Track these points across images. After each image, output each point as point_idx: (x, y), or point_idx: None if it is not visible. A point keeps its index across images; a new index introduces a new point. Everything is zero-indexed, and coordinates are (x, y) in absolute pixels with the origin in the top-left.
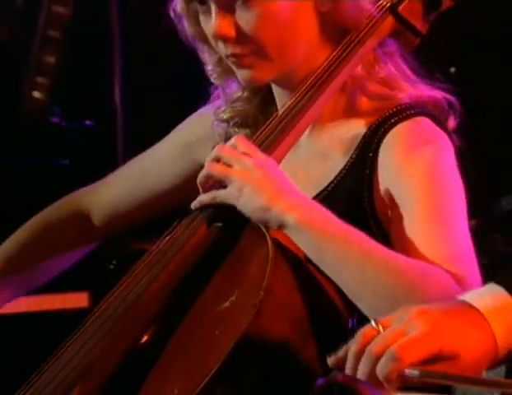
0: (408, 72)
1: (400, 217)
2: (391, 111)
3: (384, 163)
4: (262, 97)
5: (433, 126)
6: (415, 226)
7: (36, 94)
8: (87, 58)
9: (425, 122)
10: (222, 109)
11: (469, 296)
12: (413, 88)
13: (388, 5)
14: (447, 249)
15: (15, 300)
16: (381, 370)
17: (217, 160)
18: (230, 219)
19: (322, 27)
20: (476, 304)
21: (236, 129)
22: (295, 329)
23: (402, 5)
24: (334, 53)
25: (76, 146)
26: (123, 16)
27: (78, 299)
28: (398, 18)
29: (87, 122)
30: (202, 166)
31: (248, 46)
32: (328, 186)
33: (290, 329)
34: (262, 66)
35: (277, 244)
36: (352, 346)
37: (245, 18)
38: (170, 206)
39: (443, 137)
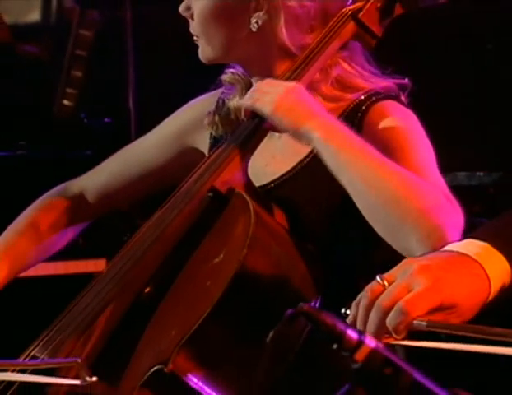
0: (364, 69)
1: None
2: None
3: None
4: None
5: (399, 105)
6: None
7: (66, 102)
8: (106, 69)
9: (392, 103)
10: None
11: (457, 247)
12: (368, 83)
13: (350, 12)
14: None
15: (44, 265)
16: (391, 323)
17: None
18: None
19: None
20: (469, 253)
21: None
22: (273, 280)
23: (362, 12)
24: (305, 54)
25: (97, 140)
26: (135, 33)
27: (97, 264)
28: (359, 23)
29: (106, 120)
30: (192, 150)
31: (194, 27)
32: (306, 157)
33: (270, 279)
34: (202, 47)
35: (258, 212)
36: (362, 301)
37: (194, 4)
38: (158, 186)
39: (411, 113)
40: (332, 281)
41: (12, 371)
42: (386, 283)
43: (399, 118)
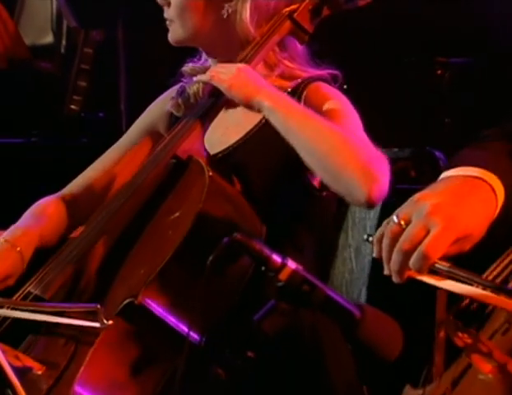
0: (301, 63)
1: None
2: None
3: None
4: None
5: (330, 86)
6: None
7: (73, 107)
8: (103, 76)
9: (324, 84)
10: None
11: (457, 172)
12: (305, 73)
13: (287, 13)
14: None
15: None
16: (414, 266)
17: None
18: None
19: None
20: (474, 174)
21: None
22: (223, 228)
23: (296, 13)
24: (252, 44)
25: (92, 130)
26: (126, 48)
27: None
28: (294, 22)
29: (100, 114)
30: (161, 136)
31: (169, 12)
32: (252, 129)
33: (221, 227)
34: (174, 30)
35: (211, 175)
36: (384, 241)
37: None
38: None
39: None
40: (271, 227)
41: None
42: (403, 222)
43: (330, 93)
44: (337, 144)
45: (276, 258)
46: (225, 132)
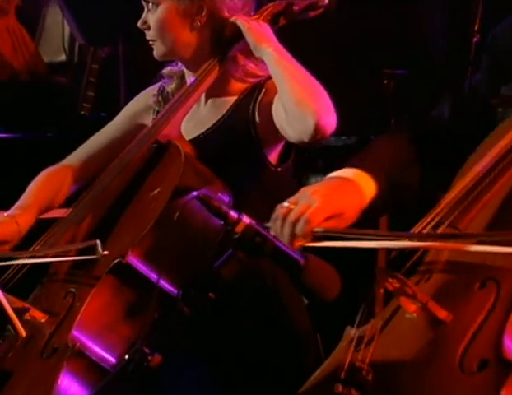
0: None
1: None
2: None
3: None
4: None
5: None
6: None
7: (83, 112)
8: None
9: None
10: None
11: (338, 173)
12: (264, 72)
13: None
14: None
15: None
16: (299, 231)
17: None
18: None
19: (198, 35)
20: (348, 176)
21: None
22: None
23: None
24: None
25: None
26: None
27: None
28: None
29: (102, 114)
30: (142, 126)
31: (151, 34)
32: (220, 119)
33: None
34: (157, 48)
35: (188, 158)
36: (278, 222)
37: (150, 18)
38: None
39: None
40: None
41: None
42: (292, 206)
43: None
44: (310, 83)
45: (233, 214)
46: (197, 123)
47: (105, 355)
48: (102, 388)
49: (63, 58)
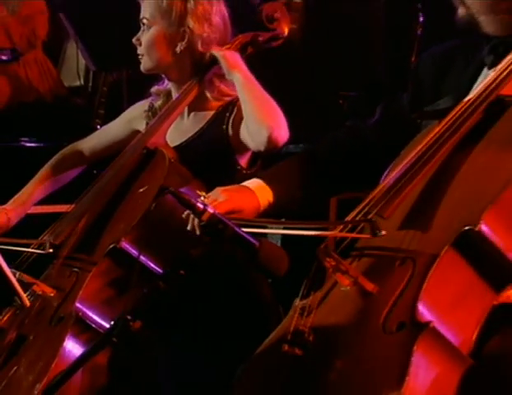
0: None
1: None
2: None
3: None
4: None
5: None
6: None
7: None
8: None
9: None
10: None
11: (246, 183)
12: (234, 92)
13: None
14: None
15: None
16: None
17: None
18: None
19: (180, 58)
20: (250, 186)
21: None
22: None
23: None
24: (187, 84)
25: None
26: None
27: None
28: None
29: None
30: (135, 131)
31: (141, 49)
32: (199, 130)
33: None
34: (144, 62)
35: (172, 162)
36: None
37: (142, 37)
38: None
39: None
40: None
41: None
42: (206, 200)
43: None
44: (268, 104)
45: (200, 205)
46: (180, 132)
47: (102, 322)
48: (94, 347)
49: (80, 82)
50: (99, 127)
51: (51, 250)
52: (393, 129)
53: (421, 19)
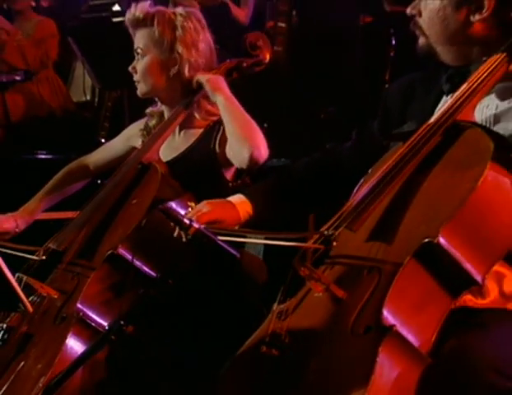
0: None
1: None
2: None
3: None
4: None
5: None
6: None
7: (101, 138)
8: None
9: None
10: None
11: (230, 197)
12: (216, 110)
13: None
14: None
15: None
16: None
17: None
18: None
19: (172, 82)
20: (233, 200)
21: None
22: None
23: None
24: (178, 106)
25: None
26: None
27: None
28: None
29: None
30: (132, 148)
31: (137, 77)
32: (189, 146)
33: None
34: (140, 87)
35: (164, 176)
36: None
37: (138, 65)
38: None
39: None
40: None
41: None
42: (193, 211)
43: None
44: (248, 125)
45: (186, 221)
46: (172, 149)
47: (101, 321)
48: (91, 349)
49: (86, 98)
50: (103, 140)
51: (44, 257)
52: (365, 152)
53: (394, 42)
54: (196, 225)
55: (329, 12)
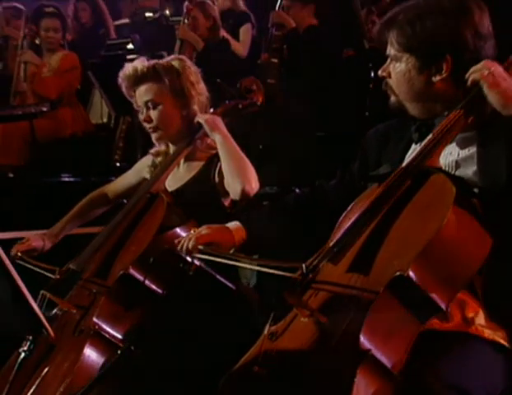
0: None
1: None
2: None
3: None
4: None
5: None
6: None
7: (116, 158)
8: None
9: None
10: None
11: (227, 224)
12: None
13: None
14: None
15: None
16: (190, 245)
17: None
18: (152, 193)
19: (181, 122)
20: (229, 226)
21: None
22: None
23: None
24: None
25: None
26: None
27: None
28: None
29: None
30: (144, 179)
31: (153, 125)
32: (191, 178)
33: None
34: (159, 134)
35: (169, 204)
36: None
37: (153, 115)
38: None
39: None
40: None
41: None
42: (192, 231)
43: None
44: (241, 162)
45: (188, 259)
46: (176, 180)
47: (114, 333)
48: (105, 371)
49: (103, 120)
50: (117, 157)
51: (64, 276)
52: (347, 190)
53: (372, 75)
54: (197, 263)
55: (316, 47)
